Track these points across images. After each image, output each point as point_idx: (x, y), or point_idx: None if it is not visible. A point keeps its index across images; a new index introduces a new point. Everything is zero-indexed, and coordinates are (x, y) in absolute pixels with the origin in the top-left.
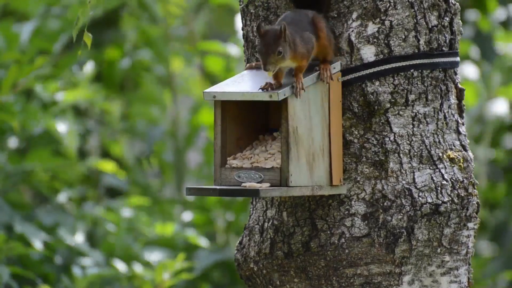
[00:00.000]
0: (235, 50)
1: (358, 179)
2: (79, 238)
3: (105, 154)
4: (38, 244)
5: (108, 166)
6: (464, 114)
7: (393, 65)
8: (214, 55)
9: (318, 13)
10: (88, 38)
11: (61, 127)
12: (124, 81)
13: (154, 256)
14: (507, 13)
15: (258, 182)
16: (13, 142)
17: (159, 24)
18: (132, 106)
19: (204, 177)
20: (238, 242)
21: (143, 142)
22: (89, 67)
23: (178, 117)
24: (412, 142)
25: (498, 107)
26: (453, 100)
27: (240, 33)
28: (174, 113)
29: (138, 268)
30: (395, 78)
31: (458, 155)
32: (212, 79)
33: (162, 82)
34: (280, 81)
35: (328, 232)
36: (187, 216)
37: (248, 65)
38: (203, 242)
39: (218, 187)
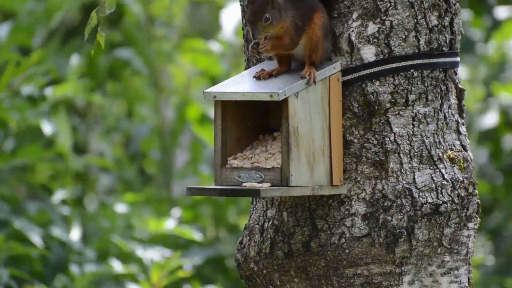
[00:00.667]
0: (217, 46)
1: (358, 179)
2: (74, 236)
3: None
4: (37, 240)
5: (101, 162)
6: (464, 114)
7: (393, 65)
8: (197, 53)
9: (323, 10)
10: (101, 36)
11: (51, 123)
12: (106, 79)
13: (149, 253)
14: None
15: (258, 182)
16: (1, 139)
17: (142, 23)
18: (117, 104)
19: (191, 175)
20: (238, 242)
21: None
22: (74, 61)
23: (164, 115)
24: (412, 142)
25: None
26: (453, 100)
27: (225, 30)
28: (160, 111)
29: (133, 267)
30: (395, 78)
31: (458, 155)
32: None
33: (147, 80)
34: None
35: (328, 232)
36: (176, 212)
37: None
38: (196, 236)
39: (218, 187)
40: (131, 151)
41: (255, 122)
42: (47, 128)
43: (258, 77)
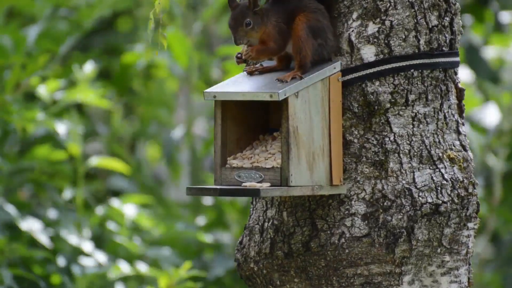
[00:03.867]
0: None
1: (358, 179)
2: (83, 238)
3: (112, 155)
4: (44, 239)
5: (114, 165)
6: (464, 114)
7: (393, 65)
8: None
9: (311, 10)
10: (163, 38)
11: (62, 126)
12: (135, 82)
13: (162, 256)
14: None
15: (258, 182)
16: (13, 143)
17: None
18: (144, 109)
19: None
20: (238, 242)
21: (154, 144)
22: (89, 67)
23: (195, 120)
24: (412, 142)
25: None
26: (453, 100)
27: None
28: (191, 116)
29: (143, 269)
30: (395, 78)
31: (458, 155)
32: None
33: (181, 83)
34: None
35: (328, 232)
36: (201, 220)
37: (247, 68)
38: (208, 239)
39: (218, 187)
40: (164, 157)
41: (255, 122)
42: (60, 128)
43: (249, 73)
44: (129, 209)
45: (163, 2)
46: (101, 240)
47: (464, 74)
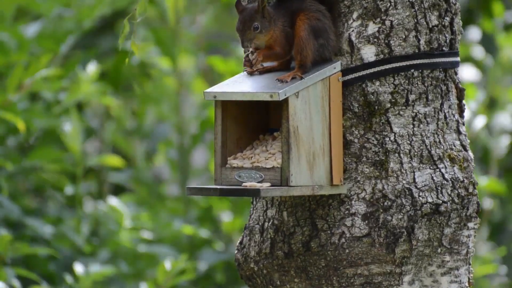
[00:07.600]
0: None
1: (359, 178)
2: (83, 236)
3: (112, 151)
4: (47, 233)
5: (113, 161)
6: (464, 114)
7: (394, 65)
8: (221, 55)
9: (312, 10)
10: (135, 45)
11: (66, 126)
12: (128, 80)
13: (158, 253)
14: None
15: (258, 182)
16: (17, 142)
17: (168, 20)
18: (140, 105)
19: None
20: (239, 242)
21: (150, 140)
22: (92, 67)
23: (184, 114)
24: (413, 142)
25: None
26: (453, 100)
27: None
28: (180, 110)
29: (141, 267)
30: (396, 78)
31: (459, 155)
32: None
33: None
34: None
35: (329, 232)
36: (191, 215)
37: (248, 70)
38: (203, 233)
39: (218, 186)
40: (149, 151)
41: (255, 122)
42: (66, 128)
43: (249, 73)
44: (127, 207)
45: (140, 8)
46: (99, 238)
47: (469, 72)
